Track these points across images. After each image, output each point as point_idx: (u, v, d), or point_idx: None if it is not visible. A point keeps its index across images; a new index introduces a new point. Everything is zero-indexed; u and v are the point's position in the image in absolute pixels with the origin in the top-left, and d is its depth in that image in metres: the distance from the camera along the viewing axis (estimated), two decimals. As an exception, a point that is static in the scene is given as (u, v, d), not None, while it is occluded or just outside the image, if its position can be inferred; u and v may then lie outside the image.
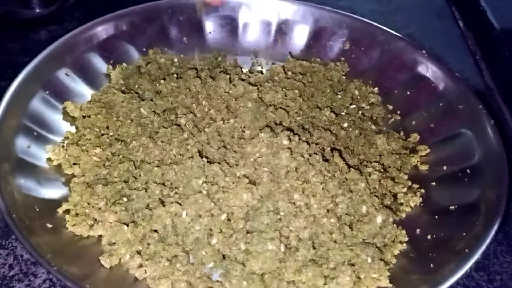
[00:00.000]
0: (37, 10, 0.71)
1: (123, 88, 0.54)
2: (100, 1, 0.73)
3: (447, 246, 0.42)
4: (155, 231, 0.42)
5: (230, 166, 0.45)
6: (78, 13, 0.71)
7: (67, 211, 0.43)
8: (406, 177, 0.50)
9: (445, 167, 0.49)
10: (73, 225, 0.42)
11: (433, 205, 0.47)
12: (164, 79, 0.55)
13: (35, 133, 0.47)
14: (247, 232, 0.42)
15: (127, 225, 0.42)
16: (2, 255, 0.44)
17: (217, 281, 0.40)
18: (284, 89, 0.54)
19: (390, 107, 0.57)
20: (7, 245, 0.44)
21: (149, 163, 0.46)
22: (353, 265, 0.41)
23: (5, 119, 0.45)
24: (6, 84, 0.48)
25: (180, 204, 0.43)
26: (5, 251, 0.44)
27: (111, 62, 0.57)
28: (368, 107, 0.57)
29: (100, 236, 0.43)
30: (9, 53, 0.63)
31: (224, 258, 0.41)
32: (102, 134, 0.49)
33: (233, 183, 0.44)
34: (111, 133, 0.49)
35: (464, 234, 0.42)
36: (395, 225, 0.44)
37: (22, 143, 0.46)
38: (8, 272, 0.43)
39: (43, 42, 0.57)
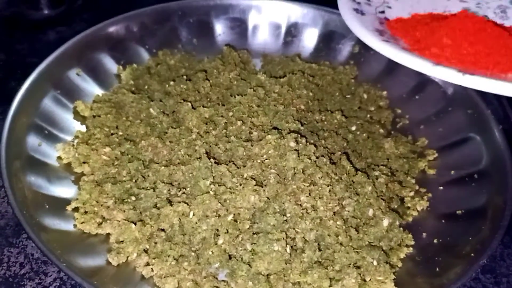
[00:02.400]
0: (45, 12, 0.71)
1: (133, 89, 0.55)
2: (107, 2, 0.74)
3: (453, 251, 0.42)
4: (163, 230, 0.43)
5: (238, 167, 0.45)
6: (86, 15, 0.71)
7: (76, 209, 0.44)
8: (413, 181, 0.50)
9: (452, 172, 0.49)
10: (81, 223, 0.43)
11: (440, 210, 0.47)
12: (174, 80, 0.56)
13: (46, 132, 0.48)
14: (253, 233, 0.42)
15: (135, 224, 0.43)
16: (13, 253, 0.44)
17: (223, 280, 0.41)
18: (293, 92, 0.54)
19: (399, 111, 0.57)
20: (18, 244, 0.45)
21: (158, 163, 0.47)
22: (358, 267, 0.41)
23: (17, 117, 0.46)
24: (16, 84, 0.48)
25: (188, 204, 0.43)
26: (16, 250, 0.44)
27: (122, 63, 0.58)
28: (376, 110, 0.57)
29: (108, 234, 0.43)
30: (18, 54, 0.64)
31: (230, 258, 0.41)
32: (112, 134, 0.50)
33: (240, 184, 0.44)
34: (120, 133, 0.50)
35: (470, 238, 0.42)
36: (401, 228, 0.44)
37: (33, 141, 0.46)
38: (19, 270, 0.43)
39: (51, 43, 0.58)
